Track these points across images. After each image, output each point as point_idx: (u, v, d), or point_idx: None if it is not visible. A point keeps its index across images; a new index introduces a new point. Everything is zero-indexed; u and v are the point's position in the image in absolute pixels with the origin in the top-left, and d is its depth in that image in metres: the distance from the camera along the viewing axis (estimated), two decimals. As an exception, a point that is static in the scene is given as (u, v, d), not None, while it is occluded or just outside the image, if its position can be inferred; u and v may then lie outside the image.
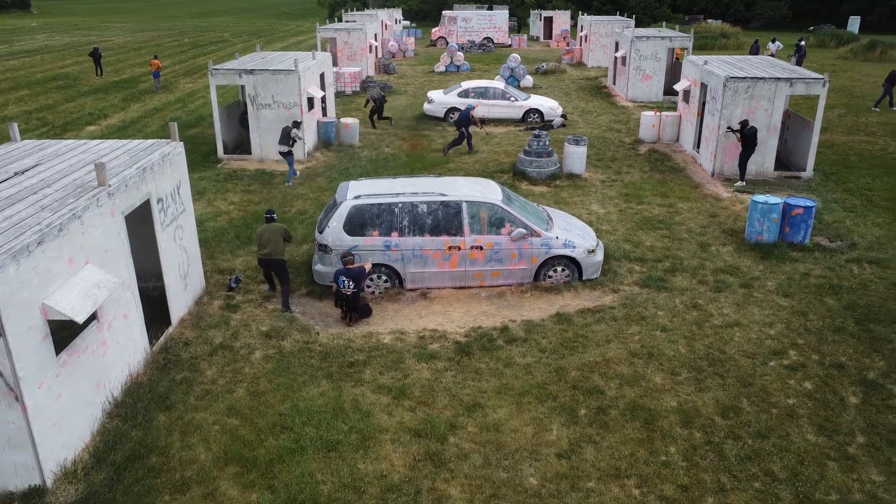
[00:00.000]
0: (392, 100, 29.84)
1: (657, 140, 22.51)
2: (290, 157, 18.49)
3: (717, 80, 18.32)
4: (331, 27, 36.52)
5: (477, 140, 22.67)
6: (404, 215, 11.48)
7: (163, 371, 9.37)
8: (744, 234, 14.13)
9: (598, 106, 28.66)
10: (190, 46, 55.22)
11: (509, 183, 17.79)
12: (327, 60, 23.03)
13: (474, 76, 36.34)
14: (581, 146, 18.23)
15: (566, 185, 17.69)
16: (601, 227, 14.74)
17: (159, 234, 9.98)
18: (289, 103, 19.67)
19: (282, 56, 22.44)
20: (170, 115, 27.04)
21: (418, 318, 11.07)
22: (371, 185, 12.19)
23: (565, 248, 11.77)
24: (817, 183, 17.85)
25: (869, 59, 43.85)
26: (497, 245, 11.63)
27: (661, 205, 16.24)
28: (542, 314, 11.08)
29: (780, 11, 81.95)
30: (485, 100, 25.07)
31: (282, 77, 19.44)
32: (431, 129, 24.42)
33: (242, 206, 16.35)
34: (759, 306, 11.22)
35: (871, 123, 24.86)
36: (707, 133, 19.12)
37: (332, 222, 11.50)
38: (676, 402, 8.73)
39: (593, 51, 40.74)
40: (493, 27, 52.69)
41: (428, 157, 20.53)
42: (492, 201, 11.67)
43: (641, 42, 28.95)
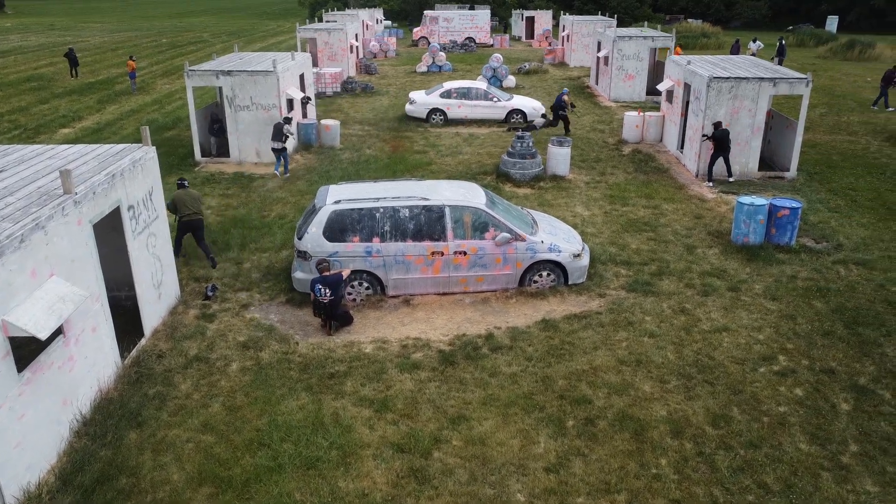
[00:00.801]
0: (373, 100, 29.50)
1: (641, 140, 22.38)
2: (284, 153, 18.45)
3: (700, 80, 18.20)
4: (311, 27, 36.09)
5: (459, 141, 22.42)
6: (386, 220, 11.18)
7: (135, 385, 9.00)
8: (730, 236, 13.98)
9: (580, 106, 28.49)
10: (168, 47, 54.47)
11: (493, 185, 17.54)
12: (307, 61, 22.66)
13: (456, 76, 36.10)
14: (565, 147, 18.03)
15: (550, 187, 17.47)
16: (586, 229, 14.53)
17: (131, 242, 9.60)
18: (267, 105, 19.28)
19: (260, 57, 22.03)
20: (146, 117, 26.50)
21: (401, 325, 10.77)
22: (351, 190, 11.88)
23: (551, 253, 11.53)
24: (801, 183, 17.78)
25: (848, 58, 44.15)
26: (481, 250, 11.37)
27: (646, 206, 16.07)
28: (527, 320, 10.83)
29: (759, 11, 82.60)
30: (467, 100, 24.82)
31: (260, 78, 19.05)
32: (413, 130, 24.12)
33: (220, 210, 15.95)
34: (747, 310, 11.05)
35: (853, 123, 24.92)
36: (691, 133, 19.00)
37: (312, 228, 11.17)
38: (666, 411, 8.51)
39: (576, 50, 40.65)
40: (475, 27, 52.48)
41: (410, 158, 20.23)
42: (475, 205, 11.40)
43: (624, 42, 28.85)
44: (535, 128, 23.84)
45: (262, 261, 13.07)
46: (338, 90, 31.20)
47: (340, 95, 30.84)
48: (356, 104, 29.00)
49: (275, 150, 18.52)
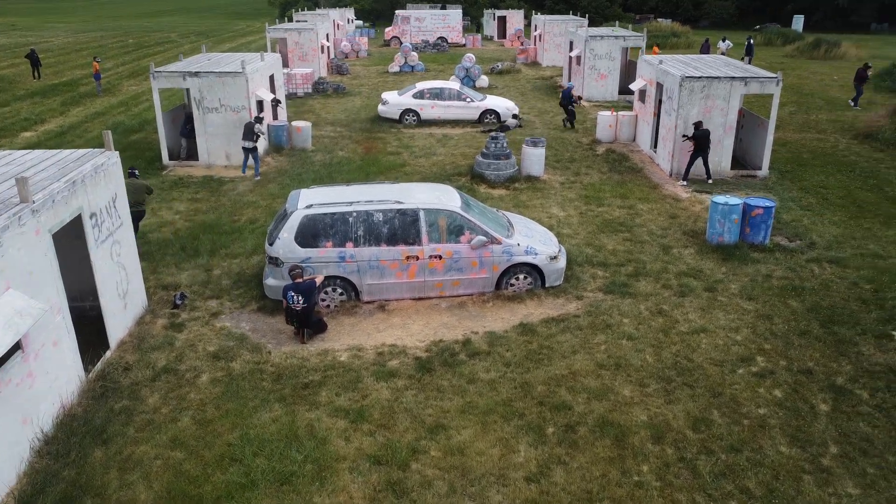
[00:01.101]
0: (345, 101, 29.18)
1: (614, 140, 22.40)
2: (255, 153, 18.25)
3: (672, 79, 18.23)
4: (281, 27, 35.63)
5: (433, 142, 22.23)
6: (359, 225, 10.95)
7: (100, 400, 8.67)
8: (705, 236, 13.98)
9: (554, 106, 28.45)
10: (135, 47, 53.46)
11: (467, 186, 17.38)
12: (277, 62, 22.28)
13: (429, 76, 35.90)
14: (539, 148, 17.93)
15: (525, 188, 17.37)
16: (562, 230, 14.43)
17: (93, 251, 9.24)
18: (237, 107, 18.90)
19: (229, 57, 21.61)
20: (112, 120, 25.89)
21: (376, 332, 10.55)
22: (323, 194, 11.61)
23: (527, 256, 11.39)
24: (773, 181, 17.90)
25: (814, 56, 44.83)
26: (457, 254, 11.19)
27: (622, 206, 16.03)
28: (505, 325, 10.68)
29: (727, 11, 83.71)
30: (440, 101, 24.63)
31: (228, 79, 18.66)
32: (386, 131, 23.86)
33: (189, 215, 15.56)
34: (724, 310, 11.03)
35: (822, 121, 25.23)
36: (664, 133, 19.03)
37: (283, 233, 10.90)
38: (647, 415, 8.42)
39: (548, 50, 40.69)
40: (447, 27, 52.34)
41: (383, 160, 19.99)
42: (450, 208, 11.22)
43: (596, 41, 28.90)
44: (509, 128, 23.73)
45: (232, 267, 12.75)
46: (309, 91, 30.81)
47: (312, 96, 30.47)
48: (328, 105, 28.66)
49: (245, 149, 18.30)
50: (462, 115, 24.71)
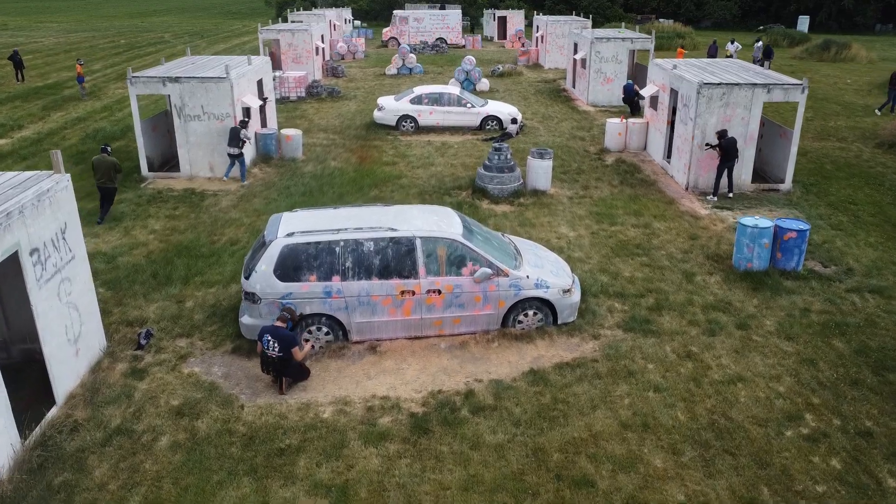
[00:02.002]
0: (339, 106, 27.85)
1: (624, 149, 21.10)
2: (241, 159, 17.30)
3: (689, 86, 16.93)
4: (274, 28, 34.31)
5: (431, 151, 20.92)
6: (347, 255, 9.64)
7: (36, 474, 7.35)
8: (731, 261, 12.69)
9: (558, 111, 27.19)
10: (125, 48, 52.09)
11: (468, 202, 16.07)
12: (265, 65, 20.96)
13: (427, 79, 34.58)
14: (546, 160, 16.62)
15: (531, 204, 16.06)
16: (573, 254, 13.13)
17: (34, 293, 7.93)
18: (221, 114, 17.59)
19: (214, 61, 20.28)
20: (93, 126, 24.56)
21: (366, 379, 9.25)
22: (307, 219, 10.30)
23: (537, 290, 10.09)
24: (798, 197, 16.61)
25: (824, 59, 43.56)
26: (458, 288, 9.89)
27: (636, 225, 14.73)
28: (512, 370, 9.38)
29: (729, 11, 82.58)
30: (439, 106, 23.32)
31: (212, 85, 17.34)
32: (383, 138, 22.55)
33: (164, 235, 14.24)
34: (761, 353, 9.73)
35: (840, 128, 23.94)
36: (679, 143, 17.74)
37: (261, 265, 9.58)
38: (684, 494, 7.12)
39: (550, 52, 39.40)
40: (446, 27, 51.04)
41: (378, 171, 18.67)
42: (450, 236, 9.91)
43: (602, 44, 27.60)
44: (511, 135, 22.44)
45: (207, 298, 11.43)
46: (302, 95, 29.48)
47: (305, 100, 29.14)
48: (322, 110, 27.34)
49: (231, 155, 17.14)
50: (462, 122, 23.40)
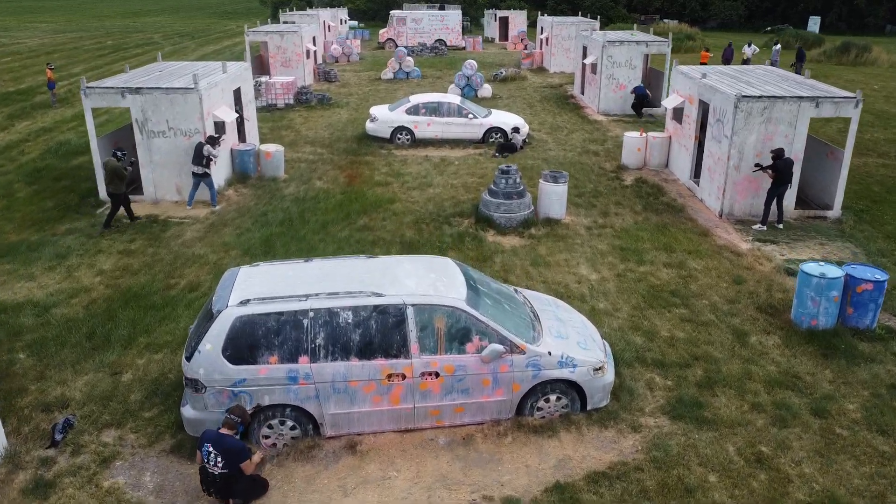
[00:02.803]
0: (330, 114, 25.65)
1: (643, 166, 18.94)
2: (207, 180, 15.18)
3: (724, 98, 14.78)
4: (262, 29, 32.15)
5: (429, 168, 18.75)
6: (319, 329, 7.48)
7: None
8: (788, 314, 10.54)
9: (567, 120, 25.03)
10: (111, 50, 49.90)
11: (471, 233, 13.91)
12: (244, 73, 18.78)
13: (425, 84, 32.41)
14: (560, 184, 14.45)
15: (544, 236, 13.89)
16: (597, 304, 10.98)
17: None
18: (188, 130, 15.42)
19: (185, 69, 18.11)
20: (59, 137, 22.38)
21: (342, 496, 7.08)
22: (268, 278, 8.13)
23: (561, 369, 7.93)
24: (850, 226, 14.46)
25: (843, 62, 41.41)
26: (461, 369, 7.73)
27: (669, 264, 12.56)
28: (531, 481, 7.22)
29: (735, 11, 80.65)
30: (437, 117, 21.16)
31: (178, 97, 15.18)
32: (375, 152, 20.39)
33: (113, 277, 12.07)
34: (852, 457, 7.57)
35: (879, 141, 21.77)
36: (711, 163, 15.58)
37: (206, 344, 7.41)
38: None
39: (555, 55, 37.23)
40: (446, 28, 48.87)
41: (368, 193, 16.50)
42: (451, 303, 7.75)
43: (614, 47, 25.43)
44: (515, 147, 20.29)
45: (150, 369, 9.26)
46: (290, 102, 27.31)
47: (293, 108, 26.97)
48: (310, 119, 25.17)
49: (195, 175, 15.00)
50: (463, 134, 21.24)
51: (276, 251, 13.06)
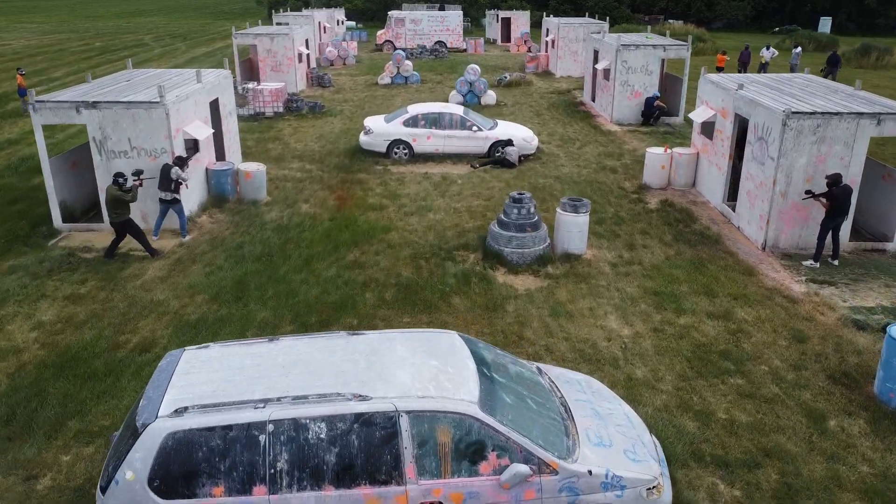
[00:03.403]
0: (322, 124, 23.69)
1: (667, 185, 17.00)
2: (177, 206, 13.33)
3: (769, 114, 12.84)
4: (250, 32, 30.17)
5: (429, 188, 16.80)
6: (280, 448, 5.54)
7: None
8: (870, 387, 8.60)
9: (578, 130, 23.08)
10: (98, 52, 47.92)
11: (478, 272, 11.96)
12: (223, 81, 16.83)
13: (425, 90, 30.45)
14: (582, 214, 12.48)
15: (562, 275, 11.94)
16: (634, 371, 9.03)
17: None
18: (154, 149, 13.48)
19: (156, 77, 16.16)
20: (22, 152, 20.43)
21: None
22: (217, 369, 6.16)
23: (606, 492, 5.97)
24: (916, 262, 12.52)
25: (862, 65, 39.43)
26: (472, 497, 5.78)
27: (713, 314, 10.61)
28: None
29: (742, 12, 78.86)
30: (438, 129, 19.19)
31: (141, 113, 13.23)
32: (369, 168, 18.44)
33: (54, 331, 10.12)
34: None
35: (923, 155, 19.84)
36: (751, 187, 13.63)
37: (126, 471, 5.46)
38: None
39: (562, 58, 35.26)
40: (446, 29, 46.88)
41: (360, 220, 14.55)
42: (460, 409, 5.79)
43: (629, 52, 23.47)
44: (511, 164, 18.38)
45: (76, 469, 7.30)
46: (280, 110, 25.35)
47: (283, 116, 25.02)
48: (300, 129, 23.22)
49: (162, 201, 13.10)
50: (467, 148, 19.28)
51: (250, 295, 11.11)
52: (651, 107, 23.57)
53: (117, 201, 12.36)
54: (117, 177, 12.39)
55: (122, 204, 12.42)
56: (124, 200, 12.40)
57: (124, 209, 12.48)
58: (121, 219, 12.47)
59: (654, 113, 23.63)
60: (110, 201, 12.42)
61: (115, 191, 12.31)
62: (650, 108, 23.61)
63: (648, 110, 23.68)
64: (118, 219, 12.46)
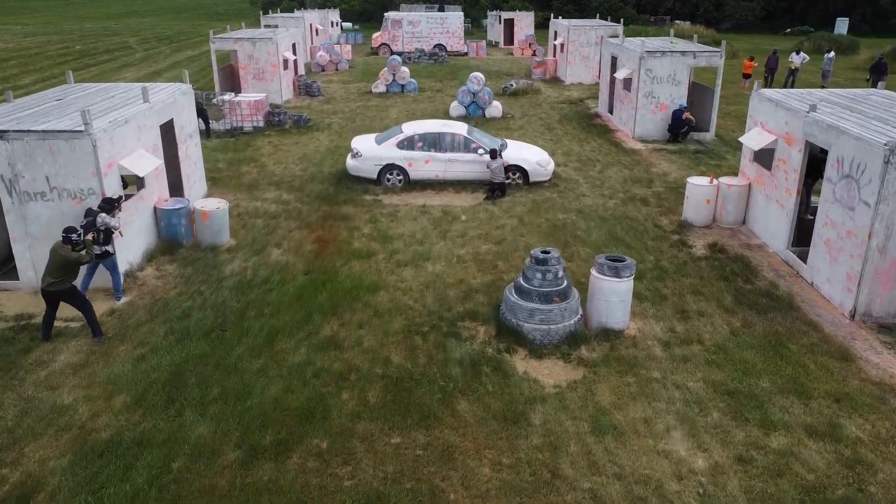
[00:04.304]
0: (307, 140, 20.84)
1: (712, 223, 14.20)
2: (108, 262, 10.49)
3: (861, 147, 10.03)
4: (230, 36, 27.33)
5: (427, 226, 13.99)
6: None
7: None
8: None
9: (597, 149, 20.27)
10: (77, 56, 45.08)
11: (491, 356, 9.13)
12: (181, 98, 14.02)
13: (423, 99, 27.62)
14: (625, 278, 9.62)
15: (601, 362, 9.09)
16: (723, 540, 6.21)
17: None
18: (79, 190, 10.67)
19: (97, 95, 13.35)
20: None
21: None
22: None
23: None
24: None
25: (893, 70, 36.56)
26: None
27: (814, 429, 7.75)
28: None
29: (752, 12, 76.28)
30: (438, 152, 16.36)
31: (61, 144, 10.41)
32: (357, 199, 15.63)
33: None
34: None
35: None
36: (832, 236, 10.80)
37: None
38: None
39: (572, 63, 32.45)
40: (446, 31, 44.05)
41: (342, 274, 11.72)
42: None
43: (654, 59, 20.66)
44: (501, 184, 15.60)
45: None
46: (260, 124, 22.53)
47: (263, 132, 22.20)
48: (281, 147, 20.41)
49: (93, 255, 10.30)
50: (471, 174, 16.45)
51: (187, 397, 8.28)
52: (678, 120, 20.79)
53: (69, 265, 9.44)
54: (68, 233, 9.44)
55: (73, 268, 9.54)
56: (79, 263, 9.54)
57: (71, 274, 9.55)
58: (63, 286, 9.45)
59: (683, 128, 20.85)
60: (59, 265, 9.38)
61: (67, 252, 9.37)
62: (677, 122, 20.84)
63: (676, 125, 20.90)
64: (59, 286, 9.42)
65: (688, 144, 20.69)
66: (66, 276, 9.46)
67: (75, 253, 9.44)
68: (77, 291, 9.68)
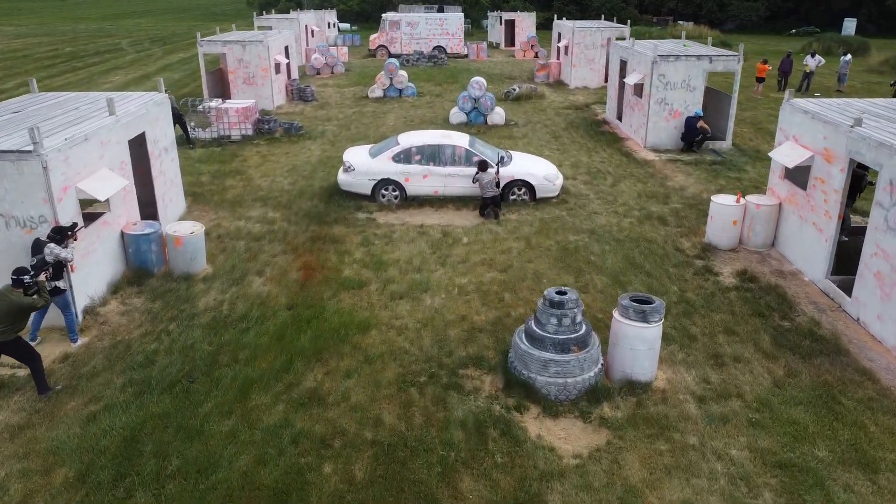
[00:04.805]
0: (297, 151, 19.53)
1: (738, 246, 12.92)
2: (59, 299, 9.14)
3: (922, 169, 8.74)
4: (218, 39, 26.03)
5: (425, 250, 12.70)
6: None
7: None
8: None
9: (607, 160, 18.98)
10: (66, 58, 43.79)
11: (498, 415, 7.83)
12: (155, 109, 12.72)
13: (422, 105, 26.33)
14: (654, 323, 8.32)
15: (627, 423, 7.80)
16: None
17: None
18: (29, 218, 9.38)
19: (59, 106, 12.06)
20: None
21: None
22: None
23: None
24: None
25: (912, 73, 35.35)
26: None
27: (885, 514, 6.50)
28: None
29: (756, 12, 75.11)
30: (437, 166, 15.08)
31: (7, 167, 9.13)
32: (349, 218, 14.34)
33: None
34: None
35: None
36: (883, 268, 9.51)
37: None
38: None
39: (577, 66, 31.16)
40: (446, 33, 42.71)
41: (329, 310, 10.42)
42: None
43: (668, 64, 19.38)
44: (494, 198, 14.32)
45: None
46: (248, 132, 21.24)
47: (252, 140, 20.92)
48: (270, 158, 19.12)
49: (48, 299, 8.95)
50: (473, 190, 15.12)
51: (141, 471, 6.98)
52: (693, 129, 19.52)
53: (21, 312, 8.13)
54: (18, 275, 8.09)
55: (24, 315, 8.25)
56: (32, 309, 8.25)
57: (21, 322, 8.24)
58: (8, 337, 8.11)
59: (697, 136, 19.57)
60: (7, 313, 8.02)
61: (19, 296, 8.05)
62: (691, 130, 19.56)
63: (690, 133, 19.63)
64: (5, 336, 8.08)
65: (703, 155, 19.41)
66: (14, 324, 8.14)
67: (29, 298, 8.12)
68: (23, 342, 8.37)
